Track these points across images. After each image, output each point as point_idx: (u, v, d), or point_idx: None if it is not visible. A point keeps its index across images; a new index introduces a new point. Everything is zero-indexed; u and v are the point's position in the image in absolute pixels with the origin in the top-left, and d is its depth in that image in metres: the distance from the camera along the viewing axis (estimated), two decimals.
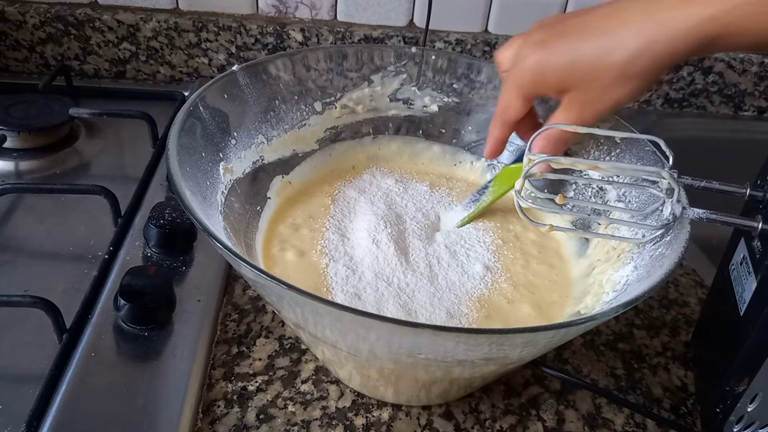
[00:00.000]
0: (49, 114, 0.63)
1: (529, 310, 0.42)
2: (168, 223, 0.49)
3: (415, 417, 0.42)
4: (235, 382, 0.42)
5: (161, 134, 0.63)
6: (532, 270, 0.46)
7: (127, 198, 0.54)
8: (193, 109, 0.41)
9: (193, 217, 0.34)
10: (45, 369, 0.40)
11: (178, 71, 0.75)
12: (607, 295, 0.39)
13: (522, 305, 0.43)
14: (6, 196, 0.53)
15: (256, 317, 0.47)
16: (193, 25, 0.72)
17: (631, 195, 0.44)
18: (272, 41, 0.74)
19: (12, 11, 0.70)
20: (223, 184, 0.43)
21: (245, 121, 0.46)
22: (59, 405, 0.38)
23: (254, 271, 0.31)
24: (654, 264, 0.37)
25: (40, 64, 0.74)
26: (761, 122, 0.83)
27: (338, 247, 0.45)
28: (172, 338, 0.43)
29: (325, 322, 0.34)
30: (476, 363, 0.36)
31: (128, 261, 0.48)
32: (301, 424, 0.40)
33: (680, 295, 0.54)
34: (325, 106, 0.51)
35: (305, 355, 0.45)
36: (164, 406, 0.38)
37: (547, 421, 0.43)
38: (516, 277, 0.45)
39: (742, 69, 0.79)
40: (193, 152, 0.40)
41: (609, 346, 0.49)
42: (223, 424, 0.40)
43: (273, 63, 0.48)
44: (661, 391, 0.46)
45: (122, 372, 0.40)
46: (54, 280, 0.47)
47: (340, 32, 0.73)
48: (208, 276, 0.48)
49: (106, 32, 0.72)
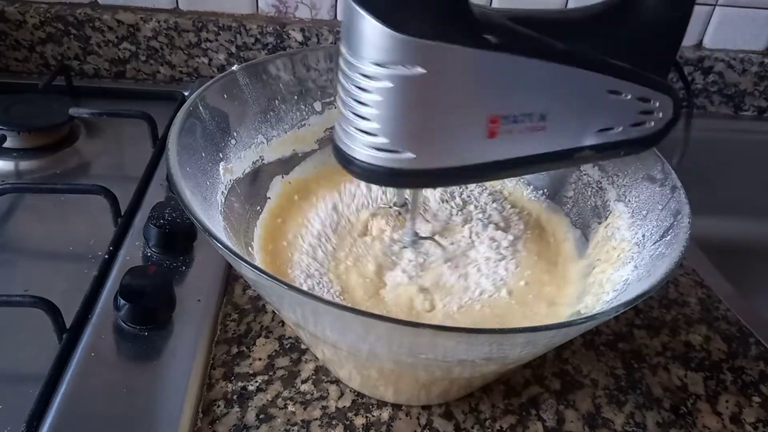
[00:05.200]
0: (49, 114, 0.63)
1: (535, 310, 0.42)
2: (168, 223, 0.49)
3: (415, 417, 0.42)
4: (235, 382, 0.42)
5: (161, 134, 0.63)
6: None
7: (127, 198, 0.54)
8: (193, 109, 0.41)
9: (193, 217, 0.34)
10: (45, 369, 0.40)
11: (178, 71, 0.75)
12: (607, 295, 0.39)
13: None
14: (6, 196, 0.53)
15: (256, 317, 0.47)
16: (193, 25, 0.72)
17: (631, 195, 0.44)
18: (272, 41, 0.74)
19: (12, 11, 0.70)
20: (223, 184, 0.43)
21: (245, 121, 0.46)
22: (59, 405, 0.38)
23: (254, 271, 0.31)
24: (654, 264, 0.37)
25: (40, 64, 0.74)
26: (761, 122, 0.83)
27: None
28: (172, 338, 0.43)
29: (325, 322, 0.34)
30: (476, 363, 0.36)
31: (128, 261, 0.48)
32: (301, 424, 0.40)
33: (680, 295, 0.54)
34: (325, 106, 0.51)
35: (305, 355, 0.45)
36: (164, 406, 0.38)
37: (547, 421, 0.43)
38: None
39: (742, 69, 0.79)
40: (193, 152, 0.40)
41: (609, 346, 0.49)
42: (223, 424, 0.40)
43: (273, 63, 0.48)
44: (661, 391, 0.46)
45: (122, 372, 0.40)
46: (54, 280, 0.47)
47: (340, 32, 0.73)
48: (208, 276, 0.48)
49: (106, 32, 0.72)
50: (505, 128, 0.35)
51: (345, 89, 0.34)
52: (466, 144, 0.35)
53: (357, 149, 0.35)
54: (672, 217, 0.39)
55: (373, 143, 0.34)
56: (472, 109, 0.34)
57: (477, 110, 0.34)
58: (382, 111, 0.33)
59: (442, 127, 0.34)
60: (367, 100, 0.33)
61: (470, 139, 0.35)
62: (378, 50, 0.32)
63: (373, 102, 0.33)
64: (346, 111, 0.35)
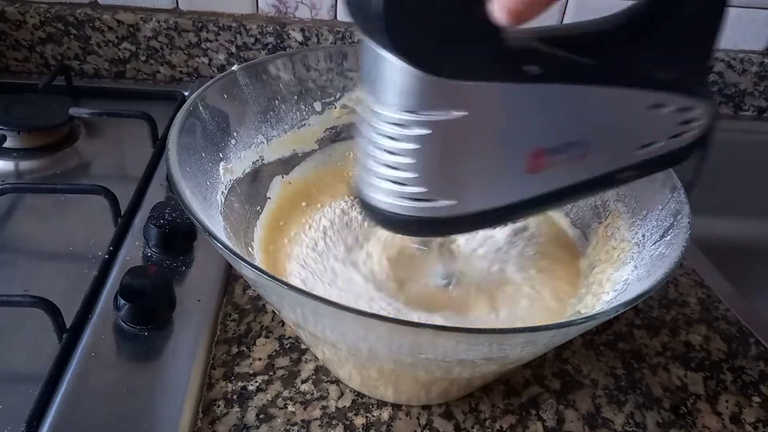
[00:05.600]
0: (49, 114, 0.63)
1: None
2: (168, 223, 0.49)
3: (415, 417, 0.42)
4: (235, 381, 0.42)
5: (161, 134, 0.63)
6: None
7: (127, 198, 0.54)
8: (193, 109, 0.41)
9: (193, 217, 0.34)
10: (45, 369, 0.40)
11: (178, 71, 0.75)
12: (607, 295, 0.39)
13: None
14: (6, 196, 0.53)
15: (256, 317, 0.47)
16: (193, 25, 0.72)
17: (631, 195, 0.44)
18: (272, 41, 0.74)
19: (12, 11, 0.70)
20: (223, 184, 0.43)
21: (245, 121, 0.46)
22: (59, 405, 0.38)
23: (254, 271, 0.31)
24: (654, 264, 0.37)
25: (40, 64, 0.74)
26: (761, 122, 0.83)
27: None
28: (172, 338, 0.43)
29: (325, 321, 0.34)
30: (476, 362, 0.36)
31: (128, 261, 0.48)
32: (301, 424, 0.40)
33: (680, 295, 0.54)
34: (325, 106, 0.51)
35: (305, 355, 0.45)
36: (164, 406, 0.38)
37: (547, 420, 0.43)
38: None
39: (742, 69, 0.79)
40: (193, 152, 0.40)
41: (609, 346, 0.49)
42: (223, 423, 0.40)
43: (273, 63, 0.48)
44: (661, 390, 0.46)
45: (122, 372, 0.40)
46: (54, 280, 0.47)
47: (340, 32, 0.73)
48: (208, 276, 0.48)
49: (106, 32, 0.72)
50: (549, 160, 0.33)
51: (370, 139, 0.31)
52: (508, 182, 0.33)
53: (385, 200, 0.32)
54: (672, 217, 0.39)
55: (406, 193, 0.31)
56: (513, 146, 0.32)
57: (519, 146, 0.32)
58: (417, 159, 0.30)
59: (482, 168, 0.32)
60: (397, 149, 0.30)
61: (512, 177, 0.32)
62: (410, 96, 0.29)
63: (405, 151, 0.30)
64: (370, 162, 0.32)
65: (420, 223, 0.32)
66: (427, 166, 0.31)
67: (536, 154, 0.32)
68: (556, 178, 0.34)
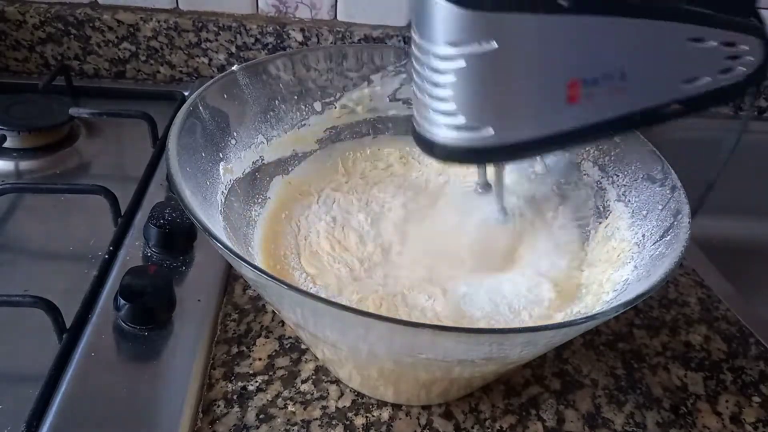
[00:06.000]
0: (49, 114, 0.63)
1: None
2: (168, 223, 0.49)
3: (415, 417, 0.42)
4: (235, 382, 0.42)
5: (161, 134, 0.63)
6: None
7: (127, 198, 0.54)
8: (193, 109, 0.41)
9: (193, 217, 0.34)
10: (45, 369, 0.40)
11: (178, 71, 0.75)
12: (607, 295, 0.39)
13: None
14: (6, 196, 0.53)
15: (256, 317, 0.47)
16: (193, 25, 0.72)
17: (631, 195, 0.44)
18: (272, 41, 0.74)
19: (12, 11, 0.70)
20: (223, 184, 0.43)
21: (245, 121, 0.46)
22: (59, 405, 0.38)
23: (254, 271, 0.31)
24: (654, 264, 0.37)
25: (40, 64, 0.74)
26: (761, 122, 0.83)
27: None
28: (172, 338, 0.43)
29: (325, 322, 0.34)
30: (476, 362, 0.36)
31: (128, 261, 0.48)
32: (301, 424, 0.40)
33: (680, 295, 0.54)
34: (325, 106, 0.51)
35: (305, 355, 0.45)
36: (164, 406, 0.38)
37: (547, 420, 0.43)
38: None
39: None
40: (193, 152, 0.40)
41: (609, 346, 0.49)
42: (223, 423, 0.40)
43: (273, 63, 0.48)
44: (661, 390, 0.46)
45: (122, 372, 0.40)
46: (54, 280, 0.47)
47: (340, 32, 0.73)
48: (208, 276, 0.48)
49: (106, 32, 0.72)
50: (585, 92, 0.34)
51: (419, 74, 0.34)
52: (546, 113, 0.35)
53: (436, 132, 0.35)
54: (672, 217, 0.39)
55: (451, 123, 0.34)
56: (549, 77, 0.34)
57: (554, 77, 0.34)
58: (458, 90, 0.33)
59: (519, 98, 0.34)
60: (442, 82, 0.33)
61: (550, 108, 0.34)
62: (450, 30, 0.32)
63: (449, 83, 0.33)
64: (422, 95, 0.35)
65: (468, 152, 0.35)
66: (466, 95, 0.33)
67: (572, 84, 0.34)
68: (597, 110, 0.36)
